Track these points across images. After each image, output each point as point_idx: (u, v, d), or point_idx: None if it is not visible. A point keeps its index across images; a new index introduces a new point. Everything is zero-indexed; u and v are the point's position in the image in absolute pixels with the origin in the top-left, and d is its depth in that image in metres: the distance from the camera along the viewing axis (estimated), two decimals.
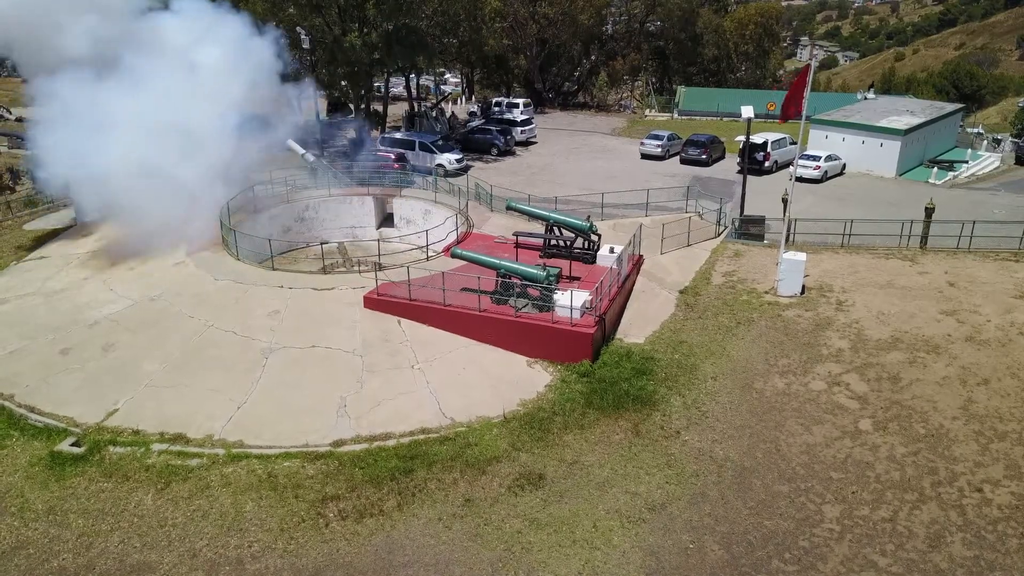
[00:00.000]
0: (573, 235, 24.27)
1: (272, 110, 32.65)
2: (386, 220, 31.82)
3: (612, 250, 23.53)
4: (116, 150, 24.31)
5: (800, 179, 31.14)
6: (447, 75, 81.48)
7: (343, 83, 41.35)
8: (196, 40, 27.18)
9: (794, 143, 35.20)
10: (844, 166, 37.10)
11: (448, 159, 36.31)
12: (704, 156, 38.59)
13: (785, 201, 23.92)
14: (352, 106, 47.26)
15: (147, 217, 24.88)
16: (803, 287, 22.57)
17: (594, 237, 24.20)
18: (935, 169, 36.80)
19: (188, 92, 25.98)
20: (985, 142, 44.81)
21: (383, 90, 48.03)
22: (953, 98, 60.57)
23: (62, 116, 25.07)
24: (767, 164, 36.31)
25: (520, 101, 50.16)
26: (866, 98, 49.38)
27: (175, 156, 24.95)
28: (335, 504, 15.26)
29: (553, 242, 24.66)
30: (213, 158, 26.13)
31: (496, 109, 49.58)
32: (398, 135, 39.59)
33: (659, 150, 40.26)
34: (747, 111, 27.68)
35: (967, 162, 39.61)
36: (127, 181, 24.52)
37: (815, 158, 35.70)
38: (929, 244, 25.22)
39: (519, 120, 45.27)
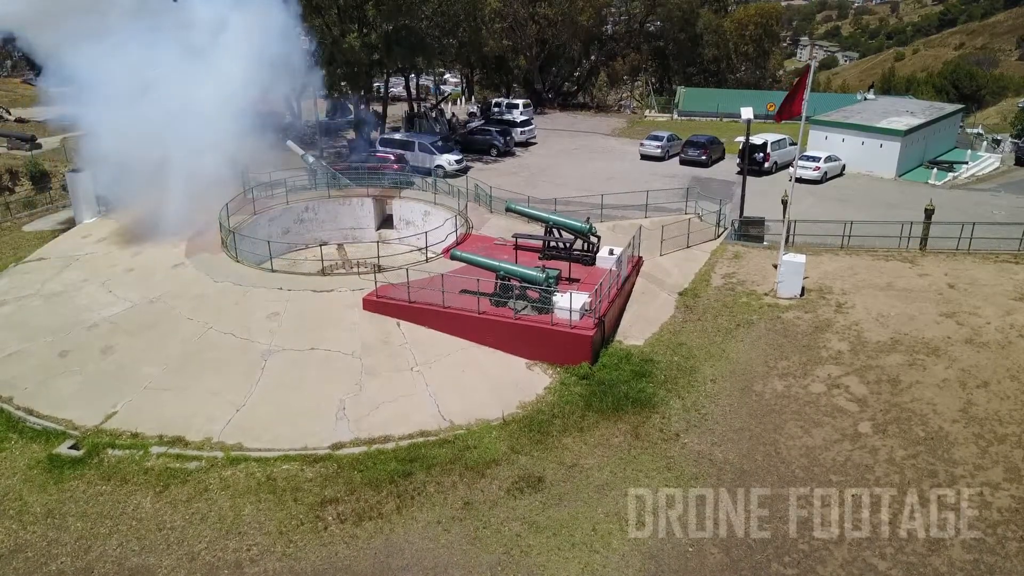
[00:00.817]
0: (572, 237, 24.25)
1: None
2: (385, 222, 31.81)
3: (611, 252, 23.50)
4: (143, 127, 25.07)
5: (800, 180, 31.10)
6: (447, 76, 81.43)
7: (343, 84, 41.33)
8: (225, 18, 27.54)
9: (794, 144, 35.16)
10: (844, 167, 37.06)
11: (447, 160, 36.26)
12: (704, 157, 38.55)
13: (785, 202, 23.90)
14: (352, 107, 47.23)
15: (172, 194, 25.67)
16: (803, 289, 22.55)
17: (593, 239, 24.18)
18: (935, 170, 36.76)
19: (212, 71, 26.45)
20: (985, 143, 44.80)
21: (383, 91, 48.01)
22: (953, 98, 60.52)
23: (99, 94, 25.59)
24: (767, 165, 36.28)
25: (520, 102, 50.12)
26: (866, 99, 49.39)
27: (202, 135, 25.66)
28: (334, 507, 15.24)
29: (552, 244, 24.65)
30: (233, 140, 26.86)
31: (496, 110, 49.52)
32: (397, 136, 39.57)
33: (659, 151, 40.21)
34: (747, 112, 27.66)
35: (967, 163, 39.57)
36: (154, 158, 25.32)
37: (815, 159, 35.67)
38: (929, 246, 25.18)
39: (519, 121, 45.24)
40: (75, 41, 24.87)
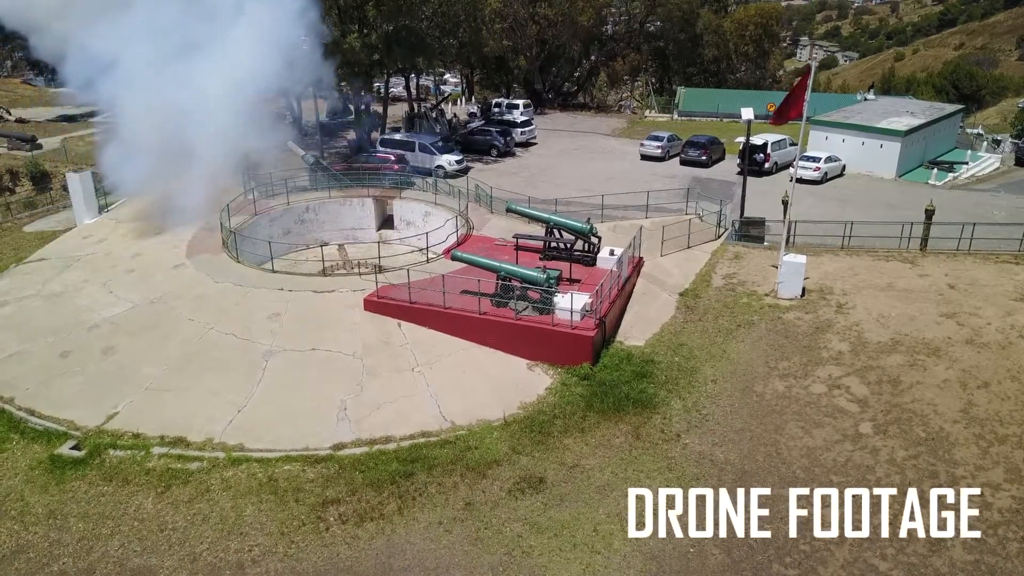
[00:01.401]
0: (573, 237, 24.26)
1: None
2: (386, 222, 31.82)
3: (612, 252, 23.51)
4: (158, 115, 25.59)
5: (800, 180, 31.11)
6: (447, 76, 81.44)
7: (343, 84, 41.30)
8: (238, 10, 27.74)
9: (794, 144, 35.19)
10: (844, 167, 37.08)
11: (448, 160, 36.26)
12: (704, 157, 38.56)
13: (785, 203, 23.91)
14: (352, 107, 47.22)
15: (190, 182, 26.18)
16: (803, 289, 22.57)
17: (594, 239, 24.18)
18: (935, 170, 36.78)
19: (234, 61, 26.67)
20: (985, 143, 44.81)
21: (383, 91, 48.04)
22: (953, 99, 60.54)
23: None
24: (767, 165, 36.29)
25: (520, 102, 50.14)
26: (866, 99, 49.39)
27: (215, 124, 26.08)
28: (335, 508, 15.25)
29: (553, 244, 24.65)
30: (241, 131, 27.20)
31: (496, 110, 49.53)
32: (398, 136, 39.56)
33: (659, 151, 40.23)
34: (747, 112, 27.67)
35: (967, 163, 39.59)
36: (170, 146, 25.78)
37: (815, 159, 35.69)
38: (929, 246, 25.19)
39: (519, 121, 45.23)
40: (101, 27, 25.13)
